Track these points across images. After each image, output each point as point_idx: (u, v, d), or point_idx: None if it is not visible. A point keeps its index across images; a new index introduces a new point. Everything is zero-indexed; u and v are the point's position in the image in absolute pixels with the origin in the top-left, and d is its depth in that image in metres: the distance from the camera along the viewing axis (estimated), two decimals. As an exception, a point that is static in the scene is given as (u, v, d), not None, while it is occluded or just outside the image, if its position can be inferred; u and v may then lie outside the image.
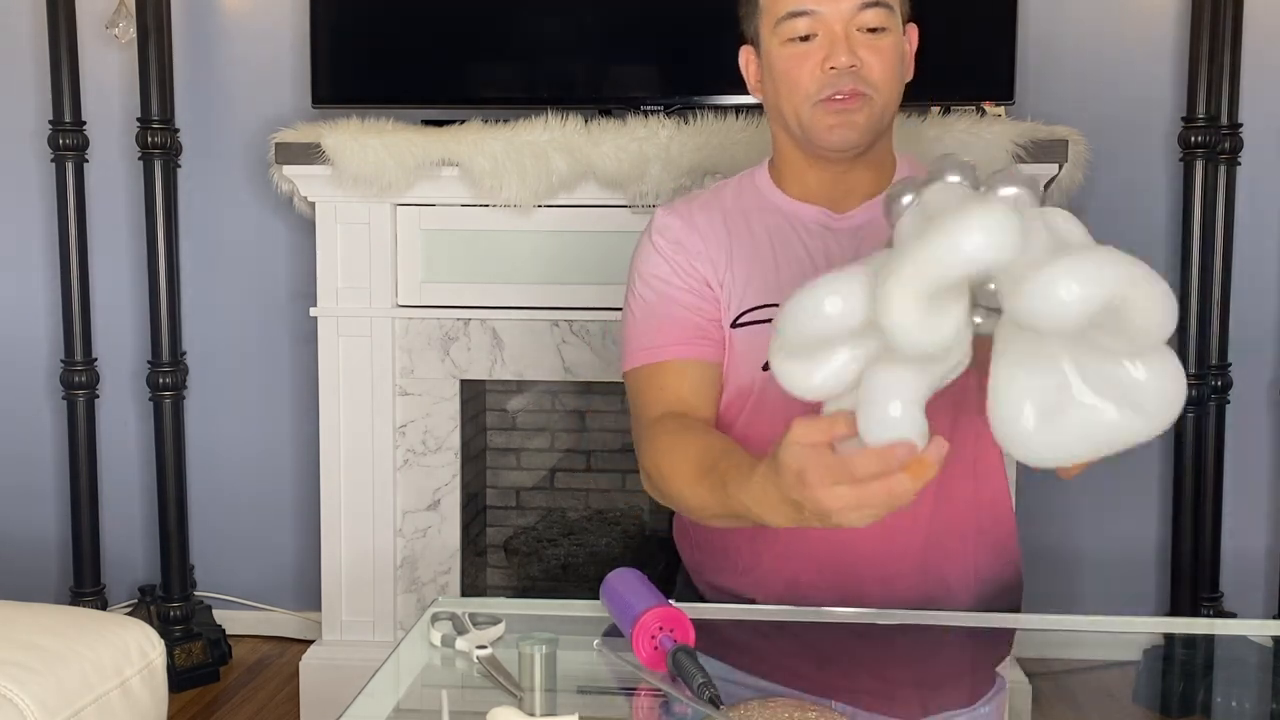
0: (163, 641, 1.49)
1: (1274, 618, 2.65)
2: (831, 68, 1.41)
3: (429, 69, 2.53)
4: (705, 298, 1.49)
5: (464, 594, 2.59)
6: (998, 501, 1.55)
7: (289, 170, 2.44)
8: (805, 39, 1.43)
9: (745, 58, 1.53)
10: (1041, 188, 0.90)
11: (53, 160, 2.64)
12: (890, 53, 1.44)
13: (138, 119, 2.60)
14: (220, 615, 2.83)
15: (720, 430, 1.52)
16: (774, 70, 1.47)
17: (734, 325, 1.48)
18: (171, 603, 2.68)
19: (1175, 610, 2.57)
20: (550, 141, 2.35)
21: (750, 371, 1.47)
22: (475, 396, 2.74)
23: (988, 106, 2.41)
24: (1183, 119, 2.52)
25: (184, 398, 2.74)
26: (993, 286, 0.89)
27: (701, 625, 1.21)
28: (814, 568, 1.49)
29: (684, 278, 1.50)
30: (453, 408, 2.51)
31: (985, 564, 1.54)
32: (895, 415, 0.92)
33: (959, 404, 1.47)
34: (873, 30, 1.42)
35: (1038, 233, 0.88)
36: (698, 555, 1.60)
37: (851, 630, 1.37)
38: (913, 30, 1.51)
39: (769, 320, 1.44)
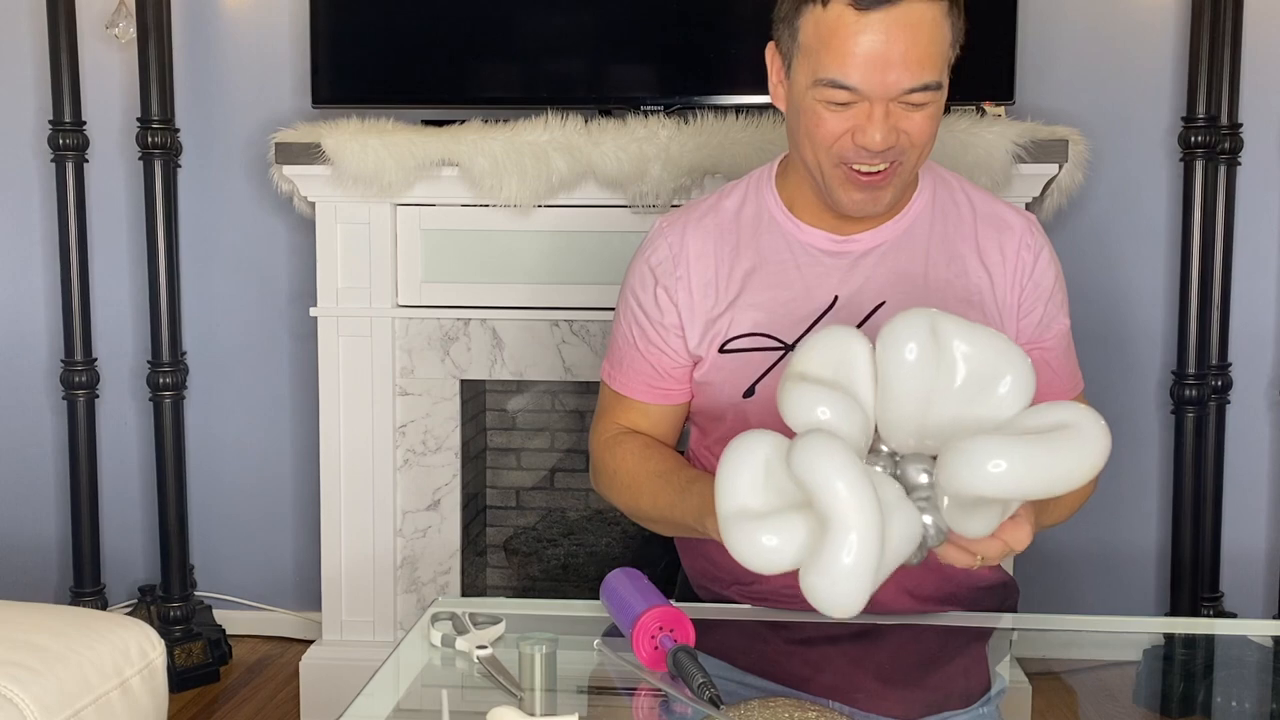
0: (163, 641, 1.49)
1: (1274, 618, 2.65)
2: (863, 147, 1.31)
3: (429, 69, 2.53)
4: (677, 350, 1.48)
5: (464, 594, 2.59)
6: None
7: (289, 170, 2.44)
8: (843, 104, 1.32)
9: (770, 55, 1.41)
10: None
11: (53, 160, 2.64)
12: (931, 121, 1.34)
13: (138, 119, 2.60)
14: (220, 615, 2.83)
15: (693, 450, 1.60)
16: (800, 111, 1.36)
17: (722, 350, 1.46)
18: (171, 603, 2.68)
19: (1175, 610, 2.57)
20: (550, 141, 2.35)
21: (731, 396, 1.46)
22: (475, 396, 2.74)
23: (987, 106, 2.41)
24: (1183, 119, 2.52)
25: (184, 397, 2.74)
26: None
27: (701, 625, 1.21)
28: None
29: (662, 324, 1.48)
30: (453, 408, 2.51)
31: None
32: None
33: None
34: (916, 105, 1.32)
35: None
36: (700, 563, 1.60)
37: (851, 630, 1.37)
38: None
39: (757, 349, 1.45)
